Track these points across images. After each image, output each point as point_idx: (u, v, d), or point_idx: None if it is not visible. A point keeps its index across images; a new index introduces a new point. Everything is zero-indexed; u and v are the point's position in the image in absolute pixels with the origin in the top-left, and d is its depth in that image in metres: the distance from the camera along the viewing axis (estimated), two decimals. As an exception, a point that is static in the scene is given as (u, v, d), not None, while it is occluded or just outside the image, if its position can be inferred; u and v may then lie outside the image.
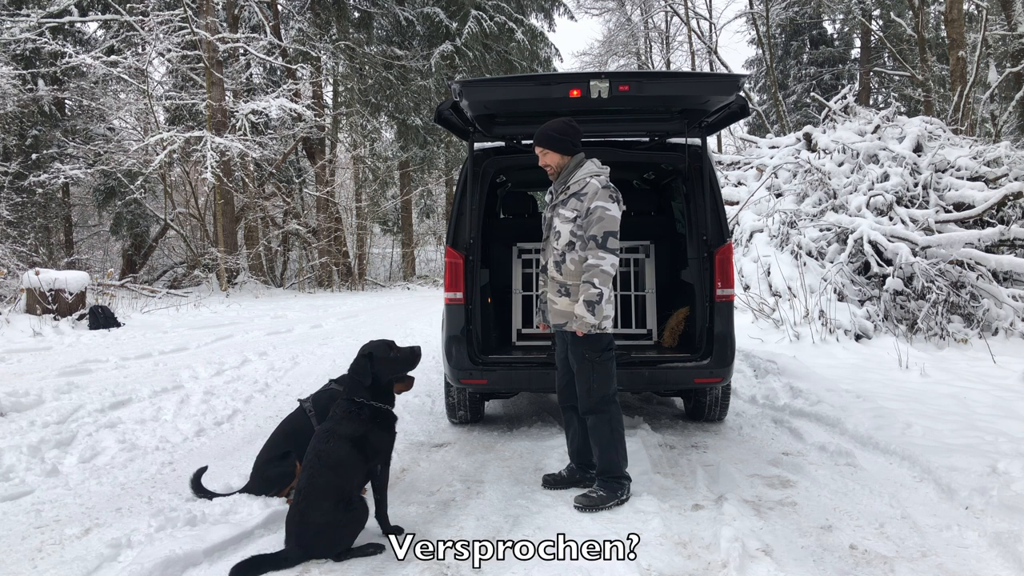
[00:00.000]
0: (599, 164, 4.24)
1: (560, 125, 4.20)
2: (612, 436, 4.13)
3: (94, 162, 20.47)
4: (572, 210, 4.11)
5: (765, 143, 15.64)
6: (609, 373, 4.17)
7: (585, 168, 4.18)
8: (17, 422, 5.60)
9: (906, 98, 28.50)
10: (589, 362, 4.12)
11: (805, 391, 6.38)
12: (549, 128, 4.20)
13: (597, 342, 4.11)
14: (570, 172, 4.19)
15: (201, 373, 7.93)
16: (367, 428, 3.56)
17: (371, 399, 3.66)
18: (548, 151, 4.21)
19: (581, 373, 4.16)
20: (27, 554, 3.43)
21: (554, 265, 4.20)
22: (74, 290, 12.49)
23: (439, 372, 6.56)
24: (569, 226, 4.11)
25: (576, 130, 4.21)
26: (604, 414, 4.13)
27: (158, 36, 20.56)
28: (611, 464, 4.10)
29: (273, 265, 26.94)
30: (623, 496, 4.04)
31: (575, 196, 4.12)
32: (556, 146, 4.17)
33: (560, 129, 4.17)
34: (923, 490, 4.22)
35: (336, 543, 3.36)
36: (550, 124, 4.21)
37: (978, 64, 18.59)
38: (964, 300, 9.37)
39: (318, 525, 3.31)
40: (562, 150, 4.18)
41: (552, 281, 4.24)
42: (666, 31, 37.82)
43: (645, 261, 6.64)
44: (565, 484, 4.34)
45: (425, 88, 27.12)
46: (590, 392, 4.14)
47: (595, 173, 4.16)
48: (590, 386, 4.14)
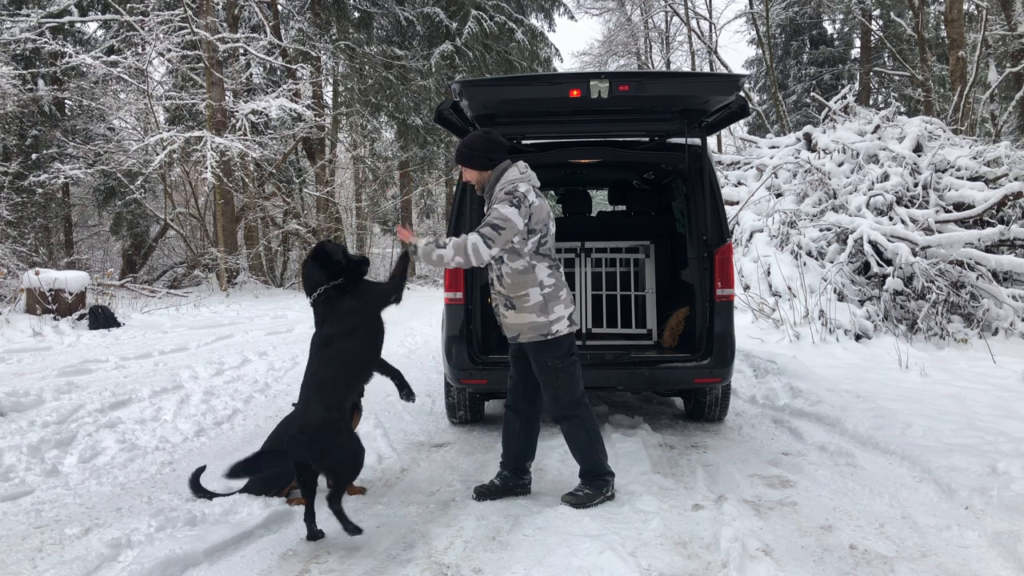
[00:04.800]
0: (522, 168, 4.06)
1: (476, 140, 4.07)
2: (589, 437, 4.10)
3: (94, 162, 20.45)
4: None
5: (765, 143, 15.63)
6: (573, 378, 4.10)
7: (506, 176, 4.01)
8: (17, 422, 5.60)
9: (906, 98, 28.47)
10: (552, 369, 4.04)
11: (805, 391, 6.38)
12: (465, 145, 4.08)
13: (557, 348, 4.03)
14: (493, 184, 4.05)
15: (201, 373, 7.93)
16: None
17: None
18: (465, 168, 4.11)
19: (546, 381, 4.08)
20: (27, 554, 3.43)
21: (496, 279, 4.11)
22: (74, 290, 12.48)
23: (439, 372, 6.56)
24: None
25: (494, 143, 4.06)
26: (576, 418, 4.09)
27: (158, 36, 20.54)
28: (595, 464, 4.09)
29: (273, 265, 26.92)
30: (608, 492, 4.05)
31: (492, 206, 4.01)
32: (474, 163, 4.05)
33: (475, 145, 4.05)
34: (923, 490, 4.21)
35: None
36: (466, 140, 4.09)
37: (978, 64, 18.60)
38: (964, 300, 9.37)
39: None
40: (479, 167, 4.05)
41: (498, 295, 4.15)
42: (666, 31, 37.80)
43: (645, 261, 6.64)
44: (499, 494, 4.20)
45: (425, 88, 27.09)
46: (557, 399, 4.08)
47: (512, 179, 3.98)
48: (556, 393, 4.07)
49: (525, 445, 4.26)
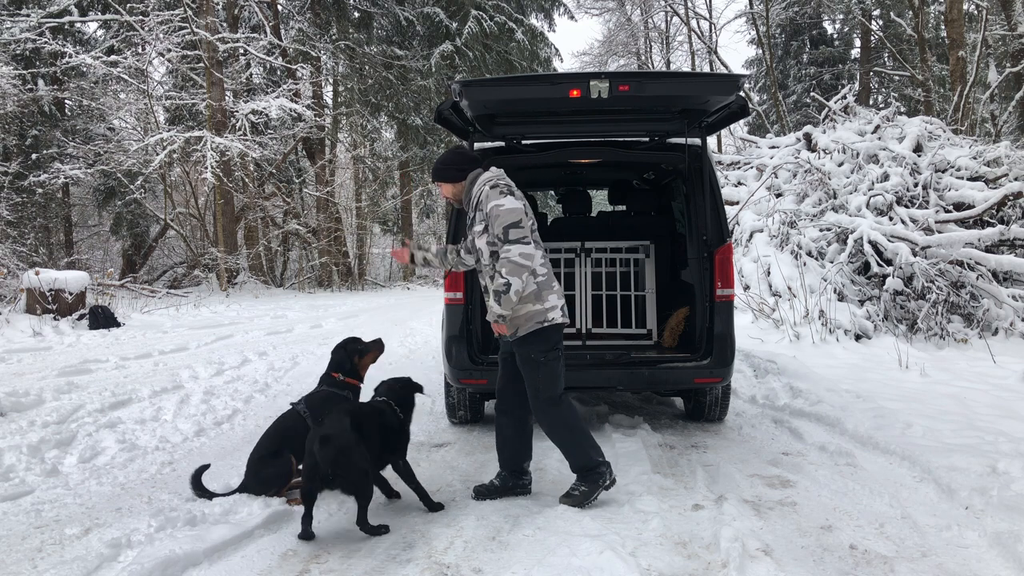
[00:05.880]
0: (494, 171, 4.16)
1: (446, 156, 4.28)
2: (572, 433, 4.06)
3: (94, 162, 20.45)
4: (480, 223, 4.06)
5: (765, 143, 15.63)
6: (555, 373, 4.06)
7: (480, 180, 4.12)
8: (17, 422, 5.60)
9: (906, 98, 28.48)
10: (535, 363, 4.02)
11: (805, 391, 6.38)
12: (438, 162, 4.27)
13: (547, 339, 4.01)
14: (468, 191, 4.16)
15: (201, 373, 7.93)
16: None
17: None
18: (441, 184, 4.25)
19: (529, 376, 4.07)
20: (27, 554, 3.43)
21: (491, 281, 4.07)
22: (74, 290, 12.48)
23: (439, 372, 6.55)
24: (484, 238, 4.04)
25: (462, 154, 4.30)
26: (556, 417, 4.06)
27: (158, 36, 20.54)
28: (584, 459, 4.03)
29: (273, 265, 26.93)
30: (605, 483, 4.00)
31: (477, 209, 4.08)
32: (446, 177, 4.20)
33: (446, 160, 4.24)
34: (923, 490, 4.21)
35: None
36: (439, 159, 4.29)
37: (978, 64, 18.60)
38: (964, 300, 9.37)
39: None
40: (452, 179, 4.19)
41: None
42: (666, 31, 37.81)
43: (645, 261, 6.64)
44: (499, 493, 4.20)
45: (425, 88, 27.10)
46: (537, 394, 4.05)
47: (488, 179, 4.09)
48: (537, 388, 4.04)
49: (520, 447, 4.25)
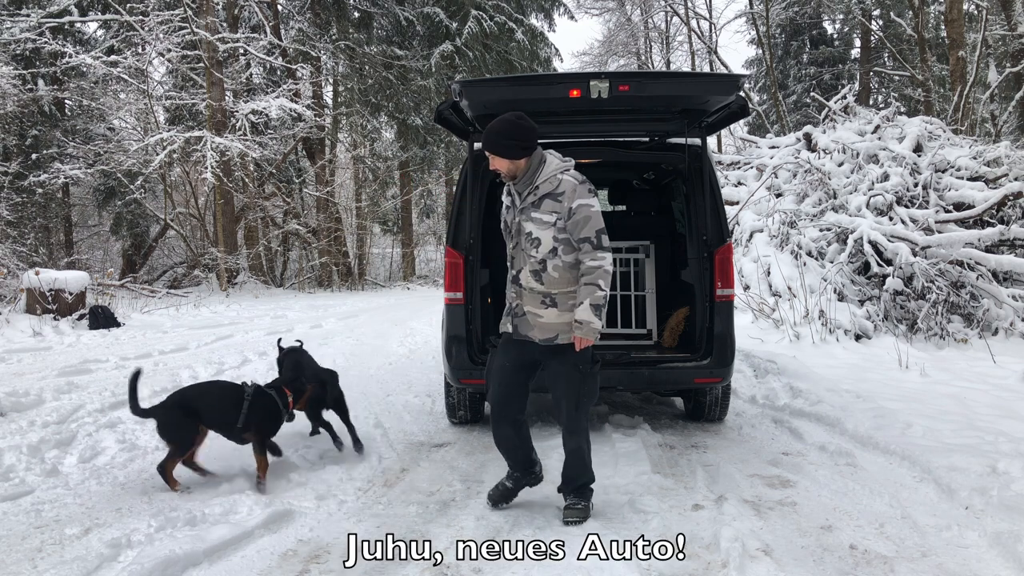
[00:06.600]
0: (560, 156, 3.83)
1: (508, 128, 3.70)
2: (589, 452, 3.89)
3: (94, 162, 20.45)
4: (549, 212, 3.68)
5: (765, 143, 15.64)
6: (596, 386, 3.88)
7: (550, 164, 3.76)
8: (17, 422, 5.60)
9: (906, 98, 28.48)
10: (581, 375, 3.76)
11: (805, 391, 6.38)
12: (494, 132, 3.71)
13: (587, 351, 3.74)
14: (534, 172, 3.74)
15: (201, 373, 7.93)
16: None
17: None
18: (494, 156, 3.74)
19: (571, 387, 3.78)
20: (27, 554, 3.43)
21: (532, 275, 3.76)
22: (74, 290, 12.48)
23: (439, 372, 6.55)
24: (550, 231, 3.69)
25: (527, 128, 3.71)
26: (584, 433, 3.87)
27: (158, 36, 20.54)
28: (590, 474, 3.93)
29: (273, 265, 26.91)
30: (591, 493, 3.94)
31: (549, 197, 3.70)
32: (507, 153, 3.70)
33: (510, 134, 3.69)
34: (923, 490, 4.21)
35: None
36: (496, 127, 3.72)
37: (978, 64, 18.60)
38: (964, 300, 9.37)
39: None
40: (512, 156, 3.71)
41: (531, 293, 3.78)
42: (666, 31, 37.82)
43: (645, 261, 6.64)
44: (513, 494, 4.04)
45: (425, 88, 27.09)
46: (579, 407, 3.80)
47: (563, 168, 3.75)
48: (579, 400, 3.79)
49: (526, 446, 4.11)
